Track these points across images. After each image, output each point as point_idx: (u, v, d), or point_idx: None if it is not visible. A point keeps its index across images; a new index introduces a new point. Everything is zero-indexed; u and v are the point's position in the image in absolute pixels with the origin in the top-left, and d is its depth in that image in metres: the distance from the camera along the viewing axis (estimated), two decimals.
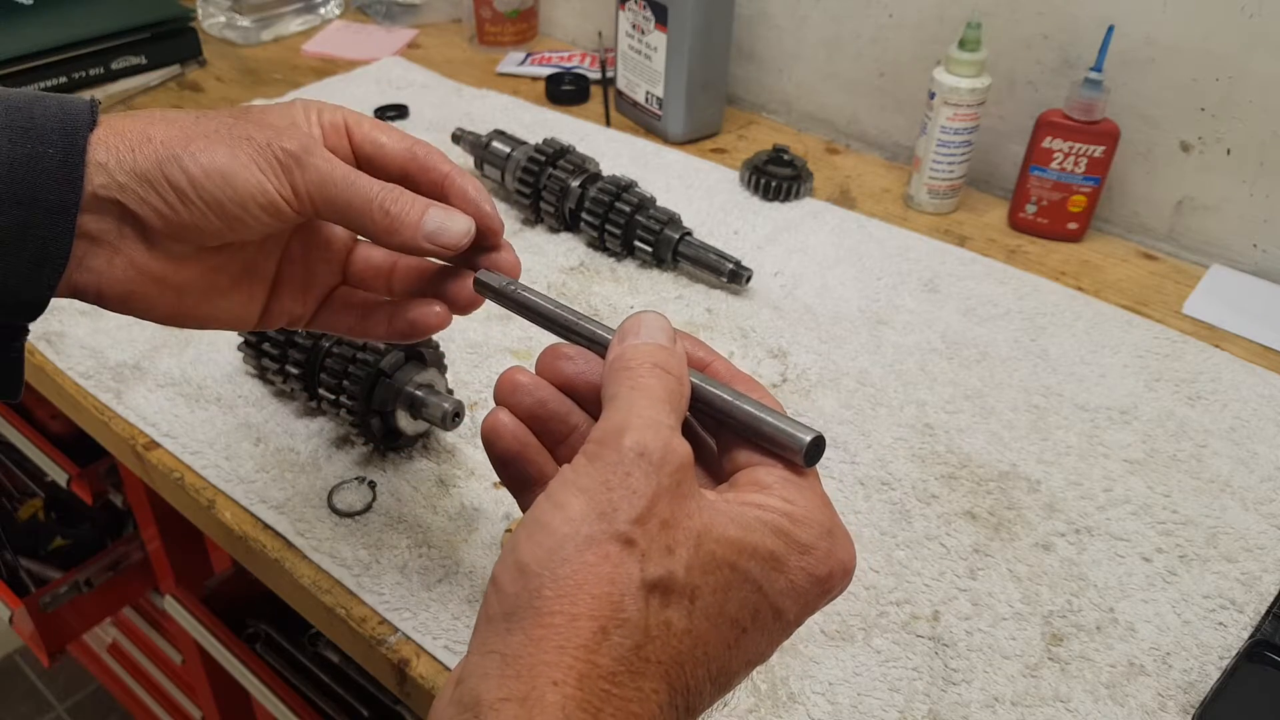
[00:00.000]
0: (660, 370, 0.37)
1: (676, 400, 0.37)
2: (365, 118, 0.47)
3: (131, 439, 0.71)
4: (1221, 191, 0.92)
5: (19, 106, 0.40)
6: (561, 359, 0.42)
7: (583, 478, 0.34)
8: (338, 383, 0.66)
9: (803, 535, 0.36)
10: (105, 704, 1.74)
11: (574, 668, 0.31)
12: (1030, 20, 0.96)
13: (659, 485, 0.33)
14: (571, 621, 0.31)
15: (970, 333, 0.83)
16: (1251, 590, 0.62)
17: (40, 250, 0.40)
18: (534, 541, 0.33)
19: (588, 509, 0.33)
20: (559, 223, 0.93)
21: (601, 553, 0.32)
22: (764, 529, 0.35)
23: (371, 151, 0.46)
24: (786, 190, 0.99)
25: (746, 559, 0.35)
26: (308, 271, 0.49)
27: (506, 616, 0.32)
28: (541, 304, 0.44)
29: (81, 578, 1.21)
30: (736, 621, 0.34)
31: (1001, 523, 0.66)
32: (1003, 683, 0.56)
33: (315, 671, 1.01)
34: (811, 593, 0.36)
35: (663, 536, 0.33)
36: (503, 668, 0.31)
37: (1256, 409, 0.76)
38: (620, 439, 0.34)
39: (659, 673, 0.32)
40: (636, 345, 0.38)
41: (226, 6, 1.34)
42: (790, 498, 0.37)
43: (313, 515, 0.65)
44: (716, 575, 0.34)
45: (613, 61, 1.17)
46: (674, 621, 0.33)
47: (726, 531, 0.34)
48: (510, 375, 0.42)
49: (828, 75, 1.12)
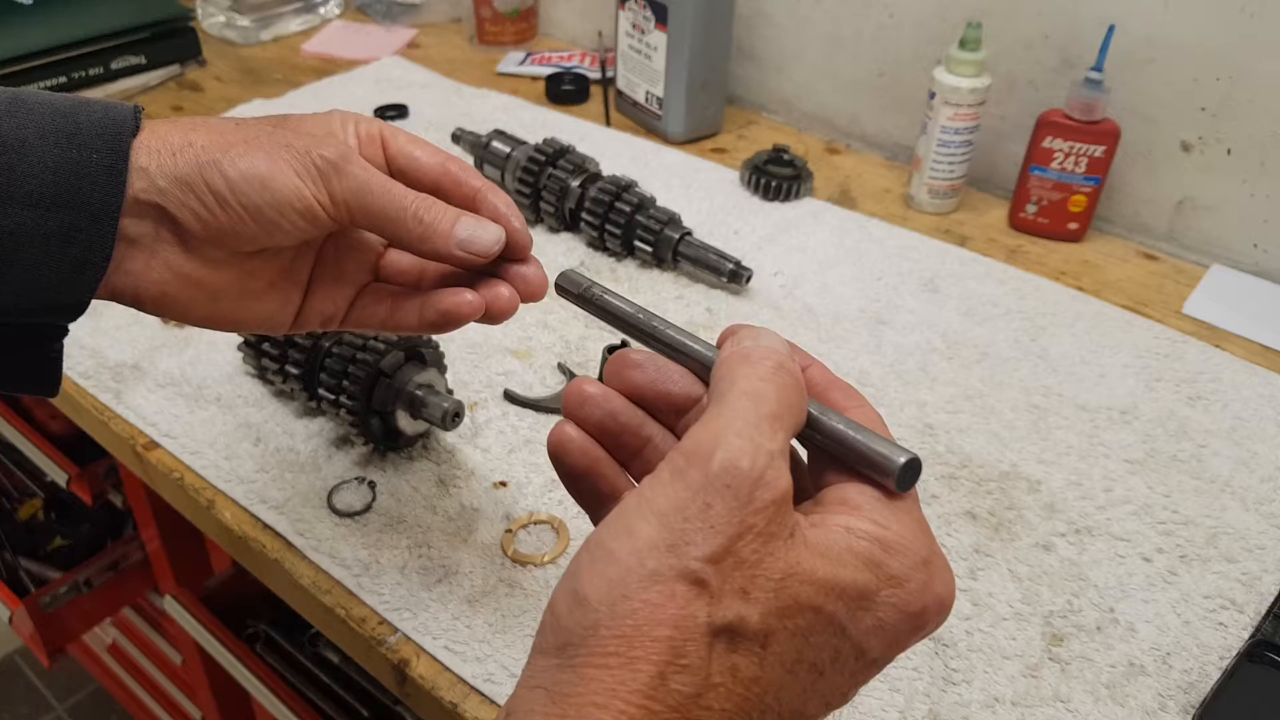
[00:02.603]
0: (783, 373, 0.33)
1: (791, 417, 0.33)
2: (401, 131, 0.47)
3: (131, 439, 0.71)
4: (1222, 191, 0.91)
5: (64, 112, 0.41)
6: (630, 367, 0.39)
7: (660, 498, 0.31)
8: (337, 383, 0.65)
9: (895, 565, 0.32)
10: (105, 704, 1.74)
11: (625, 712, 0.29)
12: (1030, 20, 0.96)
13: (743, 523, 0.30)
14: (627, 664, 0.29)
15: (970, 333, 0.83)
16: (1252, 590, 0.62)
17: (82, 253, 0.41)
18: (596, 570, 0.31)
19: (658, 538, 0.30)
20: (559, 223, 0.93)
21: (668, 592, 0.30)
22: (855, 561, 0.32)
23: (406, 164, 0.47)
24: (786, 190, 0.99)
25: (833, 600, 0.31)
26: (340, 271, 0.49)
27: (559, 650, 0.30)
28: (624, 309, 0.41)
29: (81, 578, 1.21)
30: (814, 666, 0.31)
31: (1002, 523, 0.66)
32: (1003, 683, 0.56)
33: (315, 672, 1.01)
34: (902, 629, 0.33)
35: (738, 578, 0.30)
36: (548, 704, 0.29)
37: (1257, 409, 0.76)
38: (710, 459, 0.31)
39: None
40: (760, 344, 0.35)
41: (226, 6, 1.34)
42: (884, 521, 0.33)
43: (312, 515, 0.65)
44: (796, 619, 0.31)
45: (613, 61, 1.17)
46: (741, 669, 0.30)
47: (815, 571, 0.31)
48: (577, 386, 0.39)
49: (828, 75, 1.12)
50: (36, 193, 0.39)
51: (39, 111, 0.40)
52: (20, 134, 0.40)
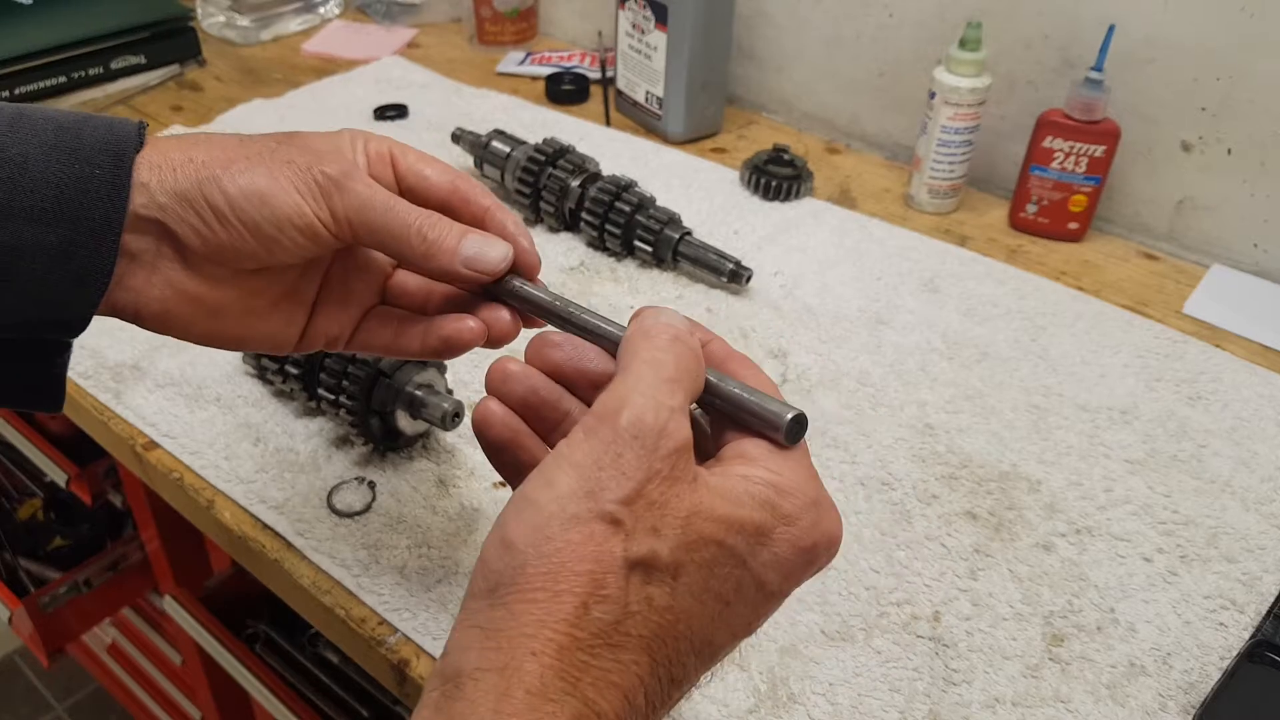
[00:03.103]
0: (679, 344, 0.37)
1: (689, 381, 0.37)
2: (410, 149, 0.47)
3: (131, 439, 0.71)
4: (1222, 191, 0.91)
5: (68, 127, 0.41)
6: (549, 346, 0.43)
7: (576, 453, 0.34)
8: (337, 383, 0.65)
9: (788, 506, 0.36)
10: (105, 704, 1.74)
11: (553, 640, 0.32)
12: (1031, 20, 0.96)
13: (650, 469, 0.34)
14: (553, 597, 0.32)
15: (971, 333, 0.83)
16: (1252, 590, 0.62)
17: (84, 268, 0.41)
18: (521, 519, 0.34)
19: (576, 486, 0.34)
20: (559, 222, 0.93)
21: (586, 531, 0.33)
22: (751, 502, 0.36)
23: (415, 182, 0.46)
24: (786, 190, 0.99)
25: (733, 535, 0.35)
26: (346, 293, 0.49)
27: (490, 592, 0.33)
28: (542, 297, 0.45)
29: (81, 578, 1.21)
30: (720, 595, 0.35)
31: (1002, 523, 0.66)
32: (1003, 683, 0.56)
33: (315, 672, 1.01)
34: (796, 563, 0.37)
35: (649, 517, 0.34)
36: (483, 640, 0.32)
37: (1257, 409, 0.76)
38: (618, 416, 0.34)
39: (640, 645, 0.33)
40: (659, 321, 0.39)
41: (226, 6, 1.34)
42: (776, 468, 0.37)
43: (312, 515, 0.65)
44: (702, 553, 0.34)
45: (613, 61, 1.17)
46: (655, 598, 0.34)
47: (715, 509, 0.35)
48: (500, 365, 0.42)
49: (828, 75, 1.12)
50: (38, 208, 0.39)
51: (42, 127, 0.40)
52: (23, 149, 0.40)
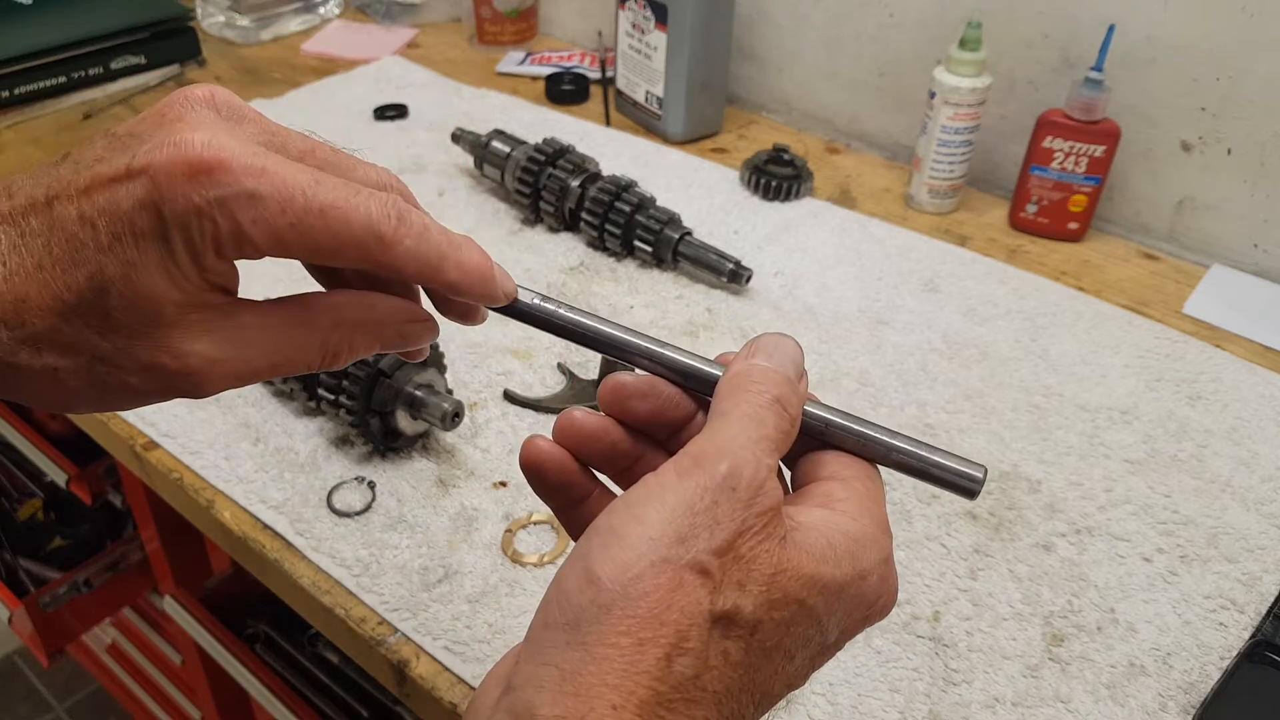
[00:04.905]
0: (779, 408, 0.36)
1: (783, 444, 0.36)
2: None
3: (130, 439, 0.71)
4: (1222, 191, 0.91)
5: None
6: (634, 397, 0.39)
7: (668, 494, 0.33)
8: (337, 383, 0.65)
9: (865, 562, 0.35)
10: (104, 704, 1.74)
11: (635, 694, 0.31)
12: (1031, 20, 0.96)
13: (744, 523, 0.33)
14: (638, 645, 0.31)
15: (971, 333, 0.83)
16: (1252, 590, 0.62)
17: None
18: (608, 552, 0.32)
19: (668, 529, 0.32)
20: (559, 222, 0.93)
21: (676, 579, 0.32)
22: (834, 556, 0.35)
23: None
24: (786, 190, 0.99)
25: (815, 594, 0.34)
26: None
27: (569, 627, 0.32)
28: (614, 334, 0.39)
29: (81, 578, 1.21)
30: (787, 652, 0.34)
31: (1002, 523, 0.66)
32: (1003, 683, 0.56)
33: (315, 672, 1.01)
34: (856, 619, 0.36)
35: (736, 571, 0.33)
36: (560, 683, 0.31)
37: (1257, 409, 0.76)
38: (717, 463, 0.33)
39: (711, 700, 0.32)
40: (766, 369, 0.37)
41: (226, 6, 1.34)
42: (857, 515, 0.36)
43: (312, 515, 0.65)
44: (782, 611, 0.34)
45: (613, 61, 1.17)
46: (731, 653, 0.33)
47: (802, 567, 0.34)
48: (574, 424, 0.39)
49: (828, 75, 1.12)
50: None
51: None
52: None
